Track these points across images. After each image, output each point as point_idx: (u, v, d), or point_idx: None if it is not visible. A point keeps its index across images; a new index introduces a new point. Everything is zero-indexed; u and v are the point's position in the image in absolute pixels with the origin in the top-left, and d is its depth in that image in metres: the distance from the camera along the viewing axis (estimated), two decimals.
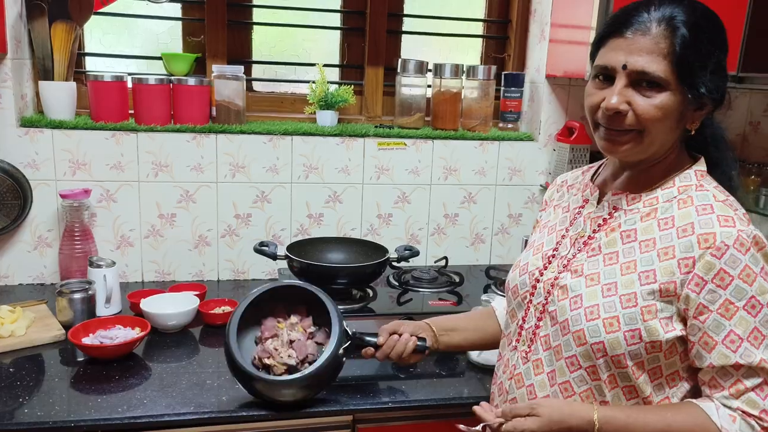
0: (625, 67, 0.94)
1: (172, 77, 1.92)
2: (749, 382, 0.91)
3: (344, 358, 1.30)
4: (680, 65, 0.92)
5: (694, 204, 0.97)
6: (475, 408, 1.05)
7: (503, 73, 2.18)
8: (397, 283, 1.85)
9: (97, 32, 2.00)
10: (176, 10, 2.03)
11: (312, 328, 1.35)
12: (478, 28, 2.28)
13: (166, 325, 1.58)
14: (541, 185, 2.18)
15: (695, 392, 1.00)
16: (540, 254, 1.13)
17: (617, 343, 0.95)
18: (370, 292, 1.76)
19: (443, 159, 2.09)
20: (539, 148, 2.15)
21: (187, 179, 1.92)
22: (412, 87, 2.09)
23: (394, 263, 1.76)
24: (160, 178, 1.90)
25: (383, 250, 1.74)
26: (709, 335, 0.92)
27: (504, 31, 2.28)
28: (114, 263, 1.68)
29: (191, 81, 1.90)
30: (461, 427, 1.08)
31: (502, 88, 2.18)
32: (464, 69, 2.11)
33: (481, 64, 2.26)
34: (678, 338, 0.95)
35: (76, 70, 1.92)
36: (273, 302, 1.37)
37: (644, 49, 0.93)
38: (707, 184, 1.00)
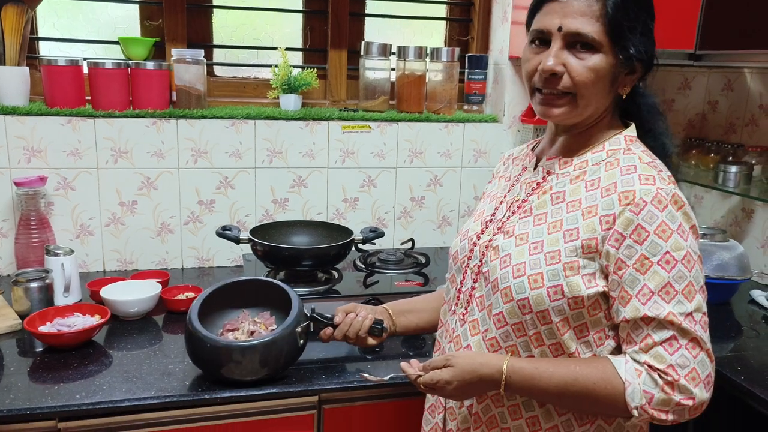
0: (560, 29, 0.98)
1: (130, 62, 1.88)
2: (657, 336, 0.92)
3: (302, 340, 1.30)
4: (612, 26, 0.96)
5: (619, 165, 1.00)
6: (402, 364, 1.09)
7: (467, 55, 2.19)
8: (363, 266, 1.84)
9: (50, 16, 1.95)
10: None
11: (273, 326, 1.35)
12: (441, 11, 2.28)
13: (128, 312, 1.55)
14: None
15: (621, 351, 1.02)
16: (480, 220, 1.16)
17: (541, 299, 0.98)
18: (336, 274, 1.75)
19: (408, 142, 2.09)
20: (504, 129, 2.16)
21: (147, 166, 1.88)
22: (376, 70, 2.08)
23: (360, 245, 1.76)
24: (120, 164, 1.86)
25: (348, 232, 1.73)
26: (625, 289, 0.94)
27: (467, 14, 2.28)
28: (72, 251, 1.64)
29: (150, 65, 1.86)
30: (365, 375, 1.21)
31: (466, 71, 2.18)
32: (428, 51, 2.11)
33: (444, 46, 2.25)
34: (601, 294, 0.97)
35: (30, 55, 1.87)
36: (233, 298, 1.38)
37: (578, 12, 0.97)
38: (635, 148, 1.03)
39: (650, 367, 0.92)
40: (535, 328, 1.00)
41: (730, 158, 2.00)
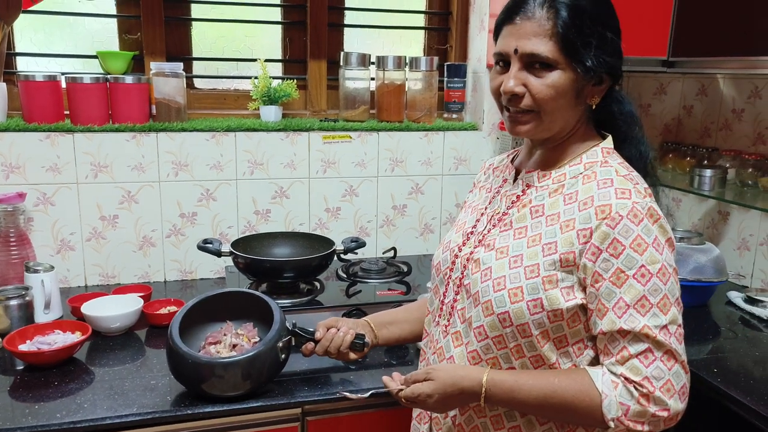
0: (516, 51, 1.00)
1: (109, 76, 1.88)
2: (633, 349, 0.94)
3: (284, 355, 1.30)
4: (565, 43, 0.98)
5: (596, 179, 1.01)
6: (384, 378, 1.11)
7: (446, 64, 2.21)
8: (345, 276, 1.85)
9: (28, 31, 1.94)
10: (111, 6, 1.98)
11: (256, 338, 1.35)
12: (420, 21, 2.30)
13: (109, 327, 1.55)
14: None
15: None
16: (461, 232, 1.17)
17: (521, 312, 0.99)
18: (318, 285, 1.75)
19: (389, 151, 2.10)
20: (483, 137, 2.18)
21: (128, 179, 1.87)
22: (356, 80, 2.09)
23: (342, 255, 1.76)
24: (100, 179, 1.85)
25: (330, 243, 1.74)
26: (602, 302, 0.96)
27: (445, 23, 2.30)
28: (52, 267, 1.63)
29: (129, 79, 1.86)
30: (345, 393, 1.22)
31: (446, 79, 2.20)
32: (407, 61, 2.12)
33: (423, 55, 2.27)
34: (580, 307, 0.99)
35: (7, 70, 1.86)
36: (216, 310, 1.38)
37: (531, 33, 0.99)
38: (612, 160, 1.04)
39: (626, 379, 0.94)
40: (516, 341, 1.01)
41: (706, 162, 2.04)
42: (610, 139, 1.09)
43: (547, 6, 0.99)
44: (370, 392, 1.21)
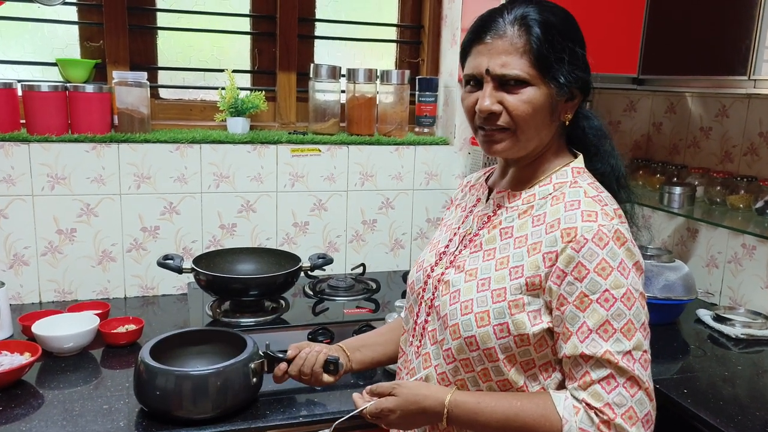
0: (488, 71, 0.98)
1: (68, 84, 1.81)
2: (596, 374, 0.92)
3: (255, 378, 1.26)
4: (538, 60, 0.97)
5: (564, 200, 0.99)
6: (354, 395, 1.08)
7: (417, 77, 2.19)
8: (312, 293, 1.80)
9: None
10: (72, 13, 1.91)
11: None
12: (392, 33, 2.28)
13: (62, 348, 1.48)
14: None
15: None
16: (435, 251, 1.15)
17: (487, 336, 0.97)
18: (284, 303, 1.70)
19: (359, 165, 2.06)
20: (455, 151, 2.16)
21: (87, 192, 1.80)
22: (326, 92, 2.06)
23: (309, 272, 1.72)
24: (57, 191, 1.78)
25: (296, 259, 1.70)
26: (566, 326, 0.94)
27: (417, 36, 2.28)
28: (3, 284, 1.56)
29: (89, 88, 1.80)
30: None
31: (417, 93, 2.18)
32: (378, 74, 2.10)
33: (395, 69, 2.25)
34: (547, 331, 0.96)
35: None
36: (183, 342, 1.35)
37: (503, 51, 0.97)
38: (582, 180, 1.02)
39: (588, 405, 0.92)
40: (483, 365, 0.99)
41: (675, 179, 2.04)
42: (581, 158, 1.07)
43: (518, 24, 0.97)
44: (334, 426, 1.14)
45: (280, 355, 1.28)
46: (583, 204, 0.97)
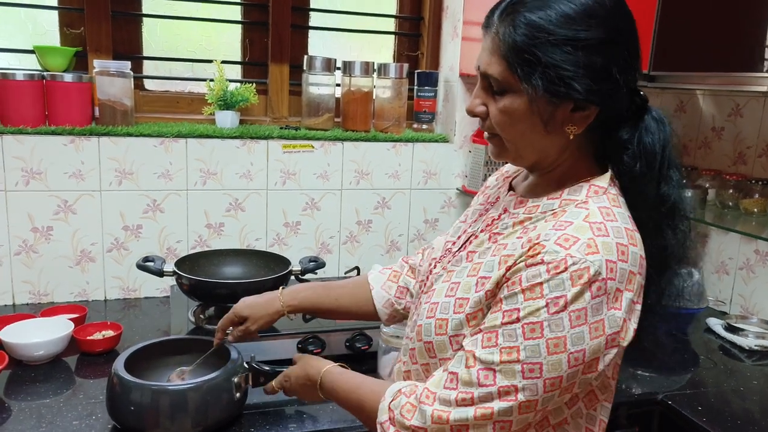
0: (479, 67, 0.89)
1: (46, 73, 1.70)
2: (452, 365, 0.85)
3: (239, 393, 1.18)
4: (518, 62, 0.83)
5: (558, 219, 0.86)
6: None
7: (416, 71, 2.09)
8: None
9: None
10: None
11: None
12: (390, 25, 2.18)
13: (32, 356, 1.37)
14: (457, 189, 2.09)
15: None
16: (444, 246, 1.07)
17: (443, 345, 0.90)
18: None
19: (354, 162, 1.97)
20: (455, 149, 2.06)
21: (64, 187, 1.70)
22: (320, 86, 1.96)
23: (300, 276, 1.62)
24: (32, 186, 1.67)
25: (286, 262, 1.59)
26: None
27: (417, 29, 2.18)
28: None
29: (68, 77, 1.69)
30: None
31: (416, 88, 2.08)
32: (375, 67, 2.00)
33: (393, 62, 2.16)
34: None
35: None
36: (164, 351, 1.28)
37: (488, 47, 0.87)
38: (595, 202, 0.86)
39: (415, 387, 0.89)
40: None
41: (685, 182, 1.95)
42: (606, 176, 0.90)
43: (504, 16, 0.84)
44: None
45: (266, 368, 1.20)
46: (573, 227, 0.82)
